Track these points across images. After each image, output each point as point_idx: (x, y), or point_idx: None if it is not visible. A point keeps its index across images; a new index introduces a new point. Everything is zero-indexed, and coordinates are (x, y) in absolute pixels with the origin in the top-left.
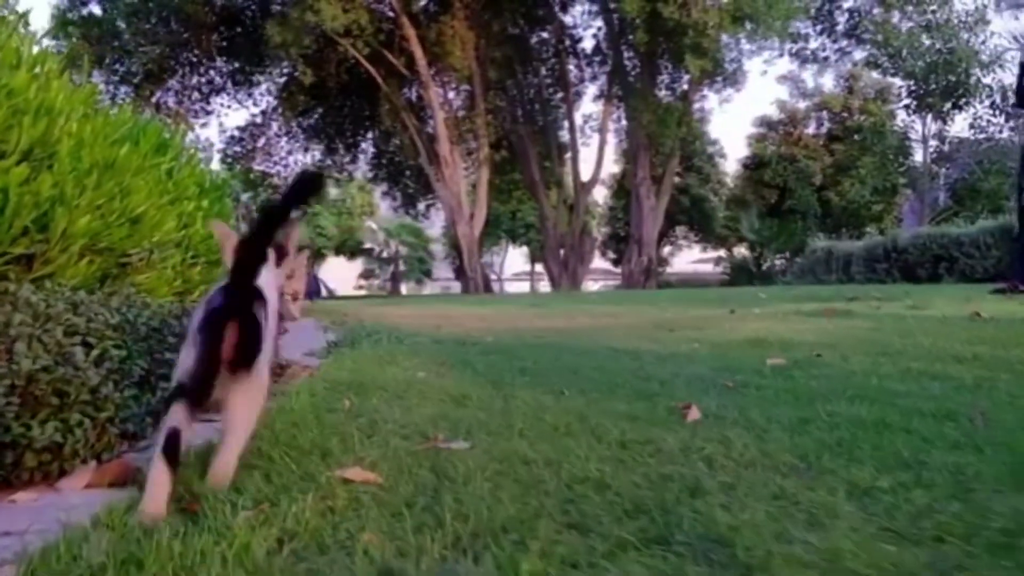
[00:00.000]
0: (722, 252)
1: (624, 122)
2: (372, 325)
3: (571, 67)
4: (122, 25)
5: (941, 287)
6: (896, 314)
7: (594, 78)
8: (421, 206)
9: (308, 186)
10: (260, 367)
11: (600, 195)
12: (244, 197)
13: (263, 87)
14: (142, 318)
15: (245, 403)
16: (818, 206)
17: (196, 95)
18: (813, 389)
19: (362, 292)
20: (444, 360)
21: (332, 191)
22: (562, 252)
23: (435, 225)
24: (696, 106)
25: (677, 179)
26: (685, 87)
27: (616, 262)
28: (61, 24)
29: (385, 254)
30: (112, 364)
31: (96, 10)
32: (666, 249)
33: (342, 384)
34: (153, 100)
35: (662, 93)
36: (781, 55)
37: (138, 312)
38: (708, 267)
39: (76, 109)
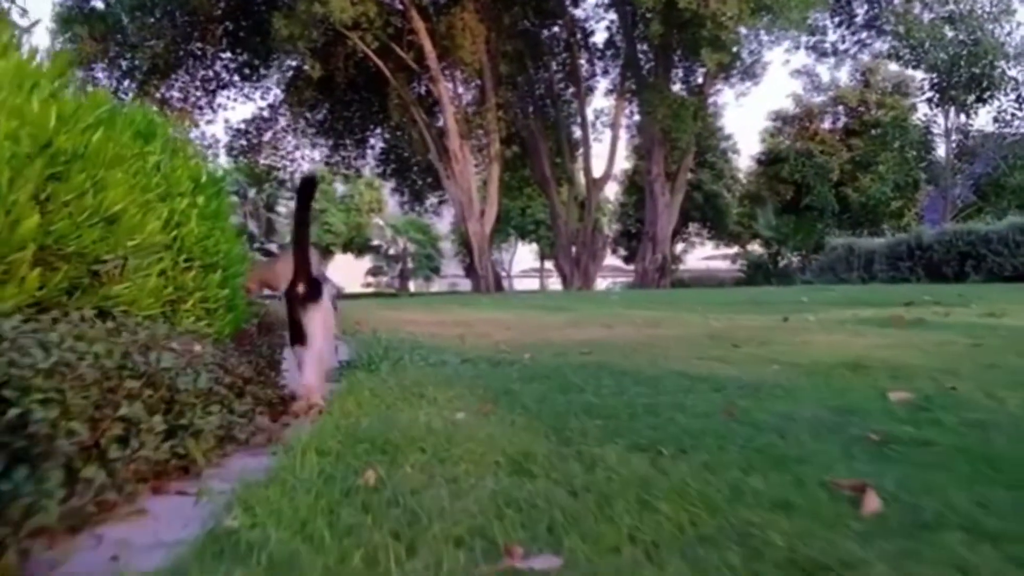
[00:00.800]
0: (735, 249)
1: (637, 117)
2: (388, 337)
3: (582, 61)
4: (126, 20)
5: (990, 287)
6: (975, 323)
7: (606, 72)
8: (430, 202)
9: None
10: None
11: (611, 191)
12: (251, 193)
13: (270, 80)
14: (93, 354)
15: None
16: (836, 203)
17: (201, 91)
18: (997, 447)
19: (370, 289)
20: (483, 391)
21: (340, 187)
22: (574, 249)
23: (443, 222)
24: (710, 100)
25: (690, 175)
26: (700, 81)
27: (628, 259)
28: (64, 20)
29: (393, 251)
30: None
31: (99, 4)
32: (679, 246)
33: (362, 439)
34: (158, 95)
35: (676, 87)
36: (798, 48)
37: (87, 348)
38: (721, 264)
39: (24, 82)
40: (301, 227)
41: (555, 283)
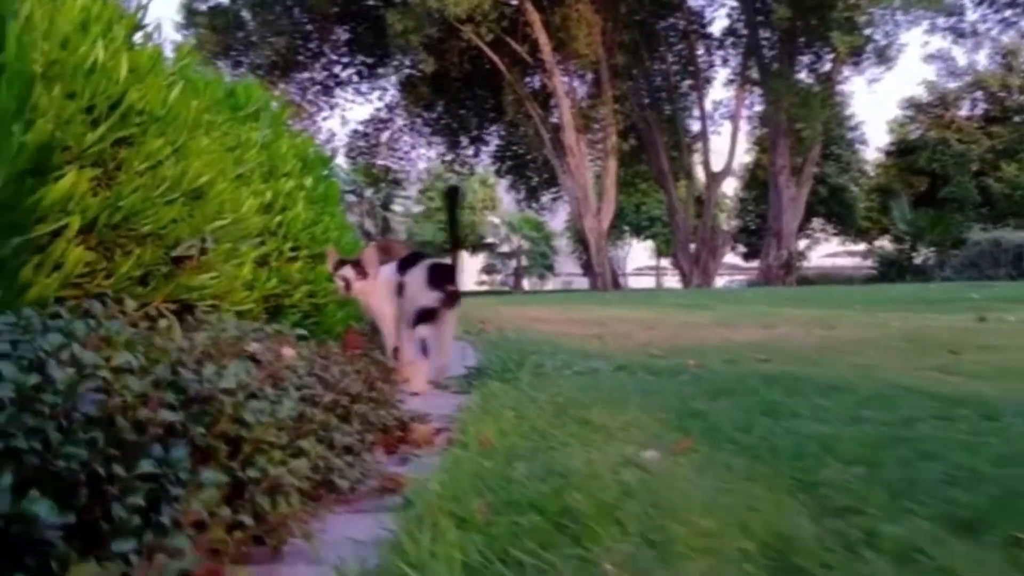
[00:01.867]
0: (862, 246)
1: (758, 108)
2: (518, 337)
3: (700, 51)
4: (247, 15)
5: None
6: None
7: (725, 62)
8: (545, 199)
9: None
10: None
11: (729, 187)
12: (368, 192)
13: (387, 80)
14: (112, 368)
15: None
16: (976, 194)
17: (319, 88)
18: None
19: (484, 288)
20: (661, 412)
21: (454, 179)
22: (692, 246)
23: (558, 219)
24: (838, 88)
25: (815, 168)
26: (827, 68)
27: (747, 256)
28: (189, 12)
29: (507, 249)
30: None
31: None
32: (802, 243)
33: (521, 501)
34: (277, 92)
35: (801, 75)
36: (933, 30)
37: (99, 358)
38: (847, 261)
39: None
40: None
41: (671, 281)
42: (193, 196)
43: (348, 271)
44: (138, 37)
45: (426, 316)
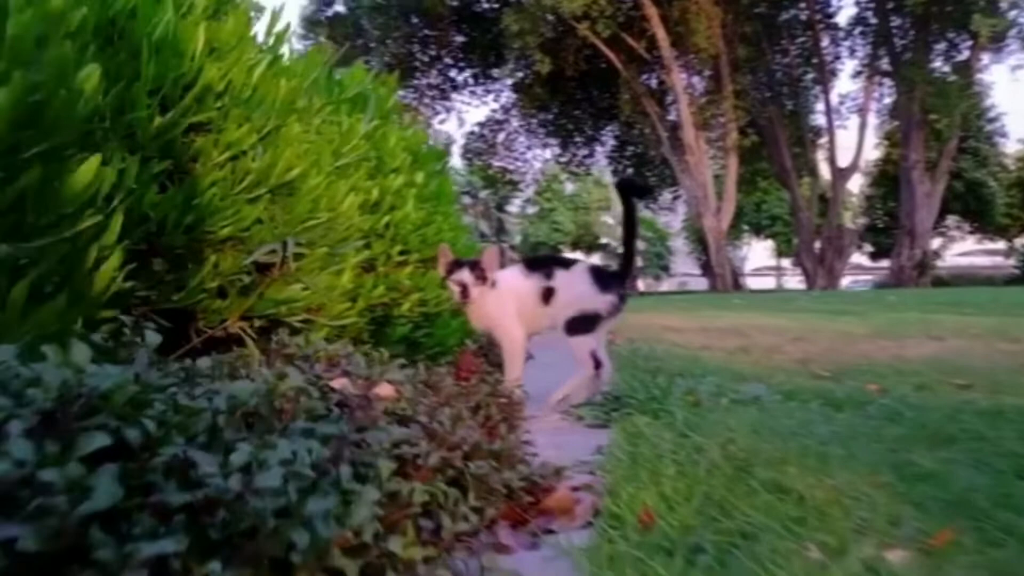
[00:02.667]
0: (1001, 243)
1: (888, 100)
2: (651, 350)
3: (825, 42)
4: (365, 22)
5: None
6: None
7: (852, 53)
8: (662, 199)
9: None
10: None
11: (854, 184)
12: (483, 194)
13: (502, 83)
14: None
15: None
16: None
17: (436, 92)
18: None
19: None
20: (874, 471)
21: (568, 186)
22: (817, 245)
23: (675, 219)
24: (976, 76)
25: (951, 162)
26: (966, 55)
27: (874, 256)
28: (310, 23)
29: (622, 249)
30: None
31: (341, 9)
32: (935, 241)
33: None
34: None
35: (936, 64)
36: None
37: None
38: (983, 260)
39: None
40: (626, 229)
41: (792, 282)
42: (283, 192)
43: (465, 274)
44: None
45: (590, 323)
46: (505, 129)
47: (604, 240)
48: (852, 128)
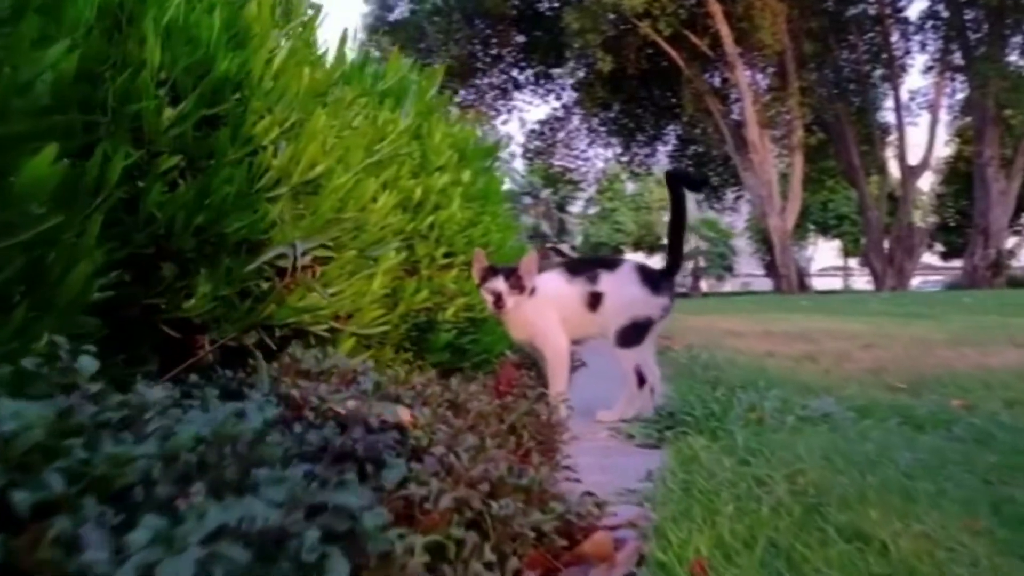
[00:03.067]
0: None
1: (960, 96)
2: (712, 359)
3: (894, 37)
4: (427, 26)
5: None
6: None
7: (923, 47)
8: (726, 199)
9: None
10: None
11: (923, 181)
12: (544, 193)
13: (563, 81)
14: None
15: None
16: None
17: (497, 92)
18: None
19: None
20: (969, 511)
21: (630, 186)
22: (886, 245)
23: (738, 218)
24: None
25: None
26: None
27: (945, 256)
28: (371, 30)
29: (684, 249)
30: None
31: (402, 13)
32: (1010, 240)
33: None
34: (456, 99)
35: (1012, 57)
36: None
37: None
38: None
39: None
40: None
41: (859, 282)
42: (306, 191)
43: (499, 283)
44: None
45: (643, 332)
46: (565, 127)
47: (666, 240)
48: (923, 125)
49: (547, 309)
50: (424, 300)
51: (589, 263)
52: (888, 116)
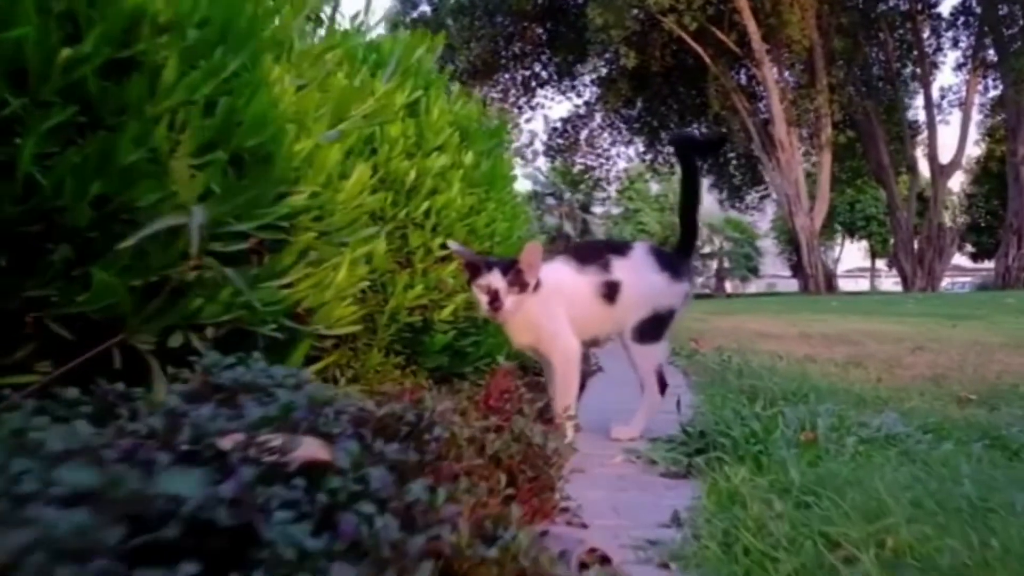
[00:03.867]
0: None
1: (992, 93)
2: (746, 364)
3: (925, 34)
4: (450, 22)
5: None
6: None
7: (955, 44)
8: (750, 198)
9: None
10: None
11: (953, 181)
12: (567, 194)
13: (586, 78)
14: None
15: None
16: None
17: (520, 89)
18: None
19: None
20: None
21: (654, 186)
22: (916, 246)
23: (763, 219)
24: None
25: None
26: None
27: (975, 257)
28: (393, 26)
29: (708, 250)
30: None
31: (426, 9)
32: None
33: None
34: (480, 96)
35: None
36: None
37: None
38: None
39: None
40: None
41: (886, 284)
42: (253, 158)
43: (495, 278)
44: None
45: (664, 325)
46: (588, 126)
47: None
48: (954, 123)
49: (555, 306)
50: (418, 296)
51: (596, 248)
52: (919, 114)
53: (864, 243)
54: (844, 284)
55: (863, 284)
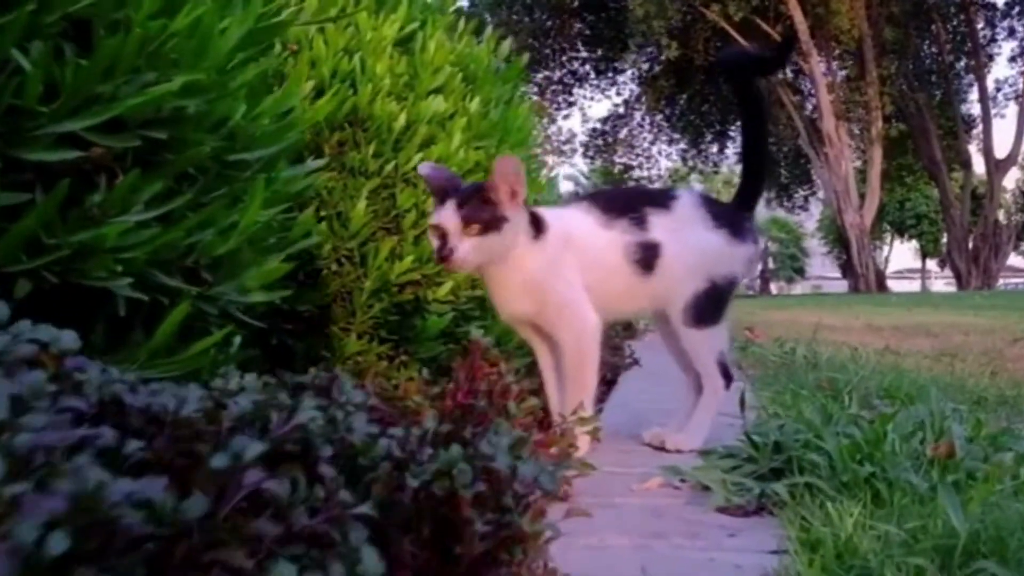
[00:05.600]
0: None
1: None
2: (814, 356)
3: (980, 24)
4: (488, 17)
5: None
6: None
7: (1011, 34)
8: (796, 197)
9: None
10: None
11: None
12: None
13: (626, 76)
14: None
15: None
16: None
17: (559, 86)
18: None
19: None
20: None
21: (697, 186)
22: (970, 244)
23: (810, 219)
24: None
25: None
26: None
27: None
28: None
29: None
30: None
31: (463, 3)
32: None
33: None
34: (518, 93)
35: None
36: None
37: None
38: None
39: None
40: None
41: (938, 285)
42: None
43: (446, 213)
44: None
45: (725, 300)
46: (628, 124)
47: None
48: (1010, 117)
49: (564, 267)
50: (407, 270)
51: (628, 197)
52: (973, 107)
53: (914, 243)
54: (894, 285)
55: (914, 285)
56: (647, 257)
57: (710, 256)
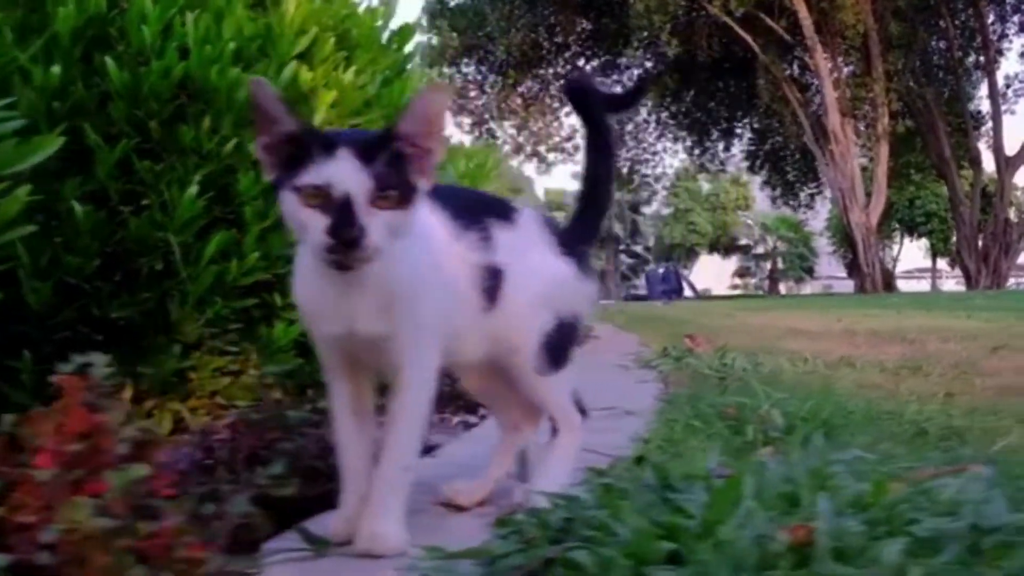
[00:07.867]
0: None
1: None
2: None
3: (990, 18)
4: (488, 11)
5: None
6: None
7: (1022, 28)
8: (803, 196)
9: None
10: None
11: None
12: (617, 195)
13: (629, 72)
14: None
15: None
16: None
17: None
18: None
19: (736, 292)
20: None
21: (705, 185)
22: (980, 243)
23: (818, 218)
24: None
25: None
26: None
27: None
28: (431, 15)
29: (761, 250)
30: None
31: None
32: None
33: None
34: (520, 89)
35: None
36: None
37: None
38: None
39: None
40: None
41: (948, 284)
42: None
43: (347, 170)
44: None
45: (573, 339)
46: (633, 119)
47: (743, 241)
48: (1020, 113)
49: (437, 272)
50: (250, 269)
51: (467, 202)
52: (982, 104)
53: (924, 242)
54: (903, 285)
55: (923, 285)
56: (492, 286)
57: (560, 286)
